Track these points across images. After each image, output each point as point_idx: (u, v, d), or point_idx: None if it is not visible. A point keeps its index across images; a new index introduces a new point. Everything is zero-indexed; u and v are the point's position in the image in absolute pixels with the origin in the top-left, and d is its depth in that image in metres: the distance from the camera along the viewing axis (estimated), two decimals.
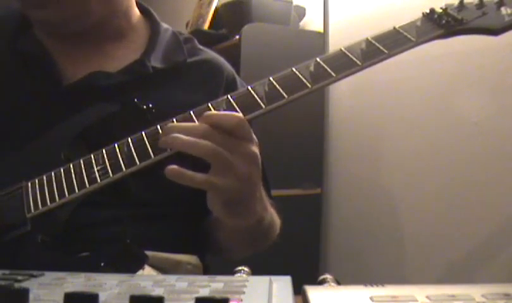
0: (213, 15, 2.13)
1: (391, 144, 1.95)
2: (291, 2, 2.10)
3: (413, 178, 1.88)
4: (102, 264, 0.62)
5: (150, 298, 0.28)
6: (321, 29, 2.10)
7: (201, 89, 0.85)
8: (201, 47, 0.94)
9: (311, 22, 2.19)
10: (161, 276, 0.44)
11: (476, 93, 1.68)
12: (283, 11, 2.07)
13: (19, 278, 0.43)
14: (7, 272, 0.45)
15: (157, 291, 0.38)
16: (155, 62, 0.85)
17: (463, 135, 1.72)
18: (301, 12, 2.17)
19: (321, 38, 2.08)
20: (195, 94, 0.84)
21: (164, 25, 0.93)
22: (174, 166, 0.63)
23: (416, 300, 0.33)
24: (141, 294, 0.28)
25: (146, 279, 0.42)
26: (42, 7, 0.79)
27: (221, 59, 0.94)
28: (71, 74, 0.82)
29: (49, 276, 0.45)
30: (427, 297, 0.33)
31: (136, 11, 0.91)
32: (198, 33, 2.01)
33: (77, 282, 0.42)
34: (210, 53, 0.94)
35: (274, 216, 0.82)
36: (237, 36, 1.92)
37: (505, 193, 1.61)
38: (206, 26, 2.11)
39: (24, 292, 0.28)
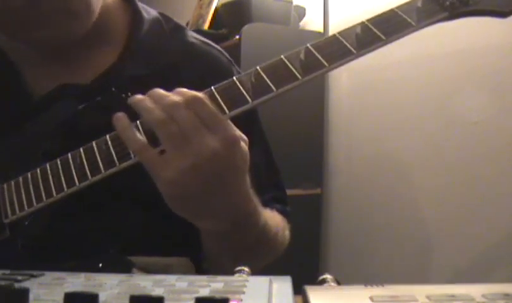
0: (213, 15, 2.13)
1: (391, 144, 1.95)
2: (291, 2, 2.10)
3: (413, 178, 1.88)
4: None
5: (150, 298, 0.28)
6: (321, 29, 2.10)
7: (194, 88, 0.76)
8: (192, 38, 0.82)
9: (311, 22, 2.19)
10: (161, 276, 0.44)
11: (476, 93, 1.68)
12: (283, 11, 2.07)
13: (19, 278, 0.42)
14: (7, 272, 0.45)
15: (157, 291, 0.37)
16: (135, 67, 0.74)
17: (463, 135, 1.72)
18: (301, 12, 2.17)
19: (321, 38, 2.08)
20: None
21: (148, 13, 0.80)
22: (120, 114, 0.59)
23: (416, 300, 0.32)
24: (141, 294, 0.28)
25: (146, 279, 0.42)
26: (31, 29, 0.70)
27: (215, 52, 0.83)
28: (39, 87, 0.74)
29: (49, 276, 0.45)
30: (427, 297, 0.33)
31: None
32: (198, 33, 2.00)
33: (77, 282, 0.42)
34: (201, 47, 0.82)
35: (269, 234, 0.73)
36: (237, 36, 1.92)
37: (505, 193, 1.61)
38: (206, 26, 2.11)
39: (24, 292, 0.28)
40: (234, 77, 0.63)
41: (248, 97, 0.62)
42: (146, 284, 0.40)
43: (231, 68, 0.83)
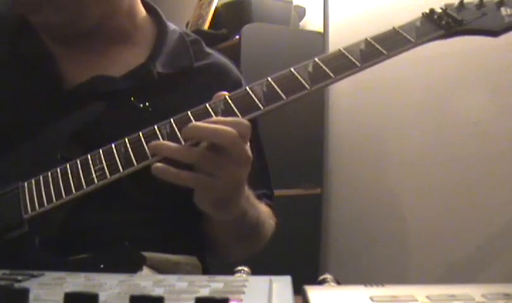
0: (213, 15, 2.13)
1: (391, 144, 1.95)
2: (291, 2, 2.10)
3: (413, 178, 1.88)
4: (102, 266, 0.62)
5: (150, 298, 0.28)
6: (321, 29, 2.10)
7: (207, 95, 0.80)
8: (208, 50, 0.92)
9: (311, 22, 2.19)
10: (161, 276, 0.44)
11: (476, 93, 1.68)
12: (283, 11, 2.07)
13: (19, 278, 0.42)
14: (7, 272, 0.45)
15: (157, 291, 0.38)
16: (161, 67, 0.83)
17: (463, 135, 1.72)
18: (301, 12, 2.17)
19: (321, 38, 2.08)
20: (200, 99, 0.79)
21: (171, 26, 0.91)
22: (159, 164, 0.64)
23: (416, 300, 0.33)
24: (141, 294, 0.28)
25: (146, 279, 0.42)
26: (36, 11, 0.77)
27: (228, 63, 0.93)
28: (73, 77, 0.80)
29: (49, 276, 0.45)
30: (427, 297, 0.33)
31: (141, 10, 0.88)
32: (198, 33, 2.01)
33: (77, 282, 0.42)
34: (217, 57, 0.92)
35: (263, 215, 0.83)
36: (237, 36, 1.92)
37: (505, 193, 1.61)
38: (206, 26, 2.11)
39: (24, 292, 0.28)
40: (247, 87, 0.70)
41: (259, 104, 0.68)
42: (146, 284, 0.40)
43: (239, 76, 0.93)
